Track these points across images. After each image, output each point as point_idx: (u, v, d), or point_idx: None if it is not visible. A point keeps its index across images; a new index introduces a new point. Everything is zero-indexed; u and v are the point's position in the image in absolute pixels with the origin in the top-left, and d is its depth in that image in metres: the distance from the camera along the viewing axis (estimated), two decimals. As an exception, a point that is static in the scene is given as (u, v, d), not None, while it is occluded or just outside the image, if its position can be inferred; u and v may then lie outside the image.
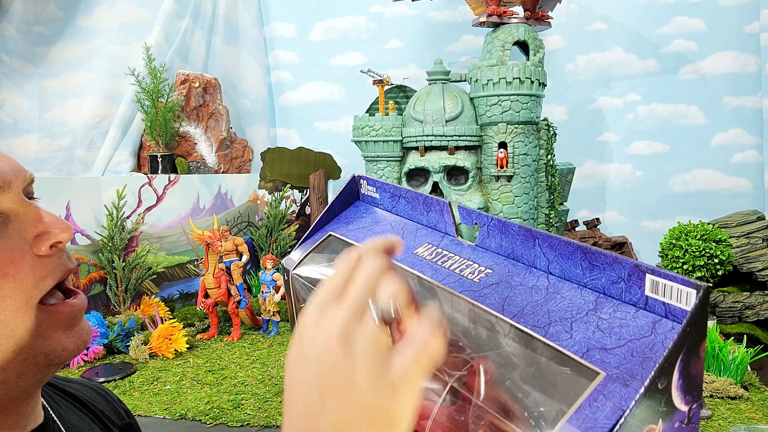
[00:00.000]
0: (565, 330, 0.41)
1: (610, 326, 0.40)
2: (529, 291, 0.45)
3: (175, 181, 4.32)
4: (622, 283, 0.41)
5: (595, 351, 0.39)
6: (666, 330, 0.38)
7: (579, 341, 0.39)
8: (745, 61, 4.80)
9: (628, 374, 0.37)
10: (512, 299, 0.45)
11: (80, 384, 0.79)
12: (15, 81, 4.94)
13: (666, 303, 0.39)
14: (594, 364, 0.38)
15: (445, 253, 0.54)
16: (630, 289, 0.41)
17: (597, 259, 0.43)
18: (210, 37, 5.43)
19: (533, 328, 0.42)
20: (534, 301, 0.44)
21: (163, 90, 4.70)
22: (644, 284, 0.40)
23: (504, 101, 4.03)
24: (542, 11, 4.33)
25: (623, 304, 0.41)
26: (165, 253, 4.23)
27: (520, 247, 0.49)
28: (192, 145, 4.92)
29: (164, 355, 3.40)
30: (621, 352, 0.38)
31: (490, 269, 0.49)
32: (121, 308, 3.92)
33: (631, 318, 0.40)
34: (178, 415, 2.69)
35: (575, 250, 0.44)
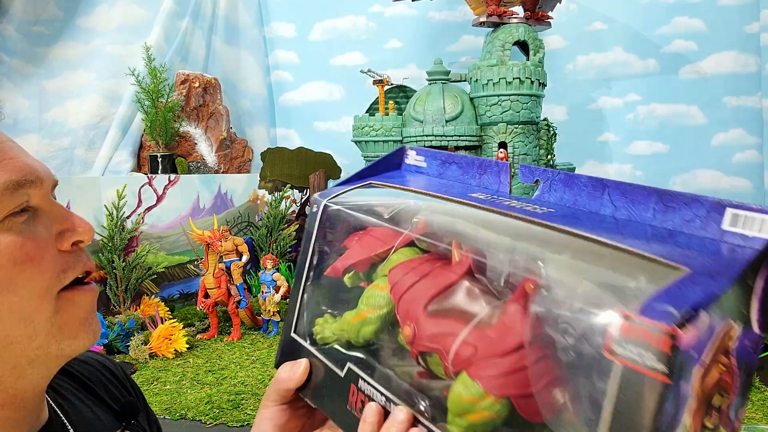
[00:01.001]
0: (642, 244, 0.39)
1: (688, 245, 0.39)
2: (597, 223, 0.44)
3: (175, 181, 4.32)
4: (698, 220, 0.40)
5: (676, 256, 0.37)
6: (746, 254, 0.37)
7: (658, 251, 0.38)
8: (745, 61, 4.80)
9: (713, 271, 0.35)
10: (580, 224, 0.43)
11: (80, 360, 0.79)
12: (15, 81, 4.94)
13: (744, 235, 0.38)
14: (679, 263, 0.36)
15: (501, 199, 0.52)
16: (707, 226, 0.40)
17: (673, 201, 0.42)
18: (210, 37, 5.43)
19: (610, 238, 0.40)
20: (604, 227, 0.43)
21: (163, 90, 4.70)
22: (722, 219, 0.39)
23: (504, 101, 4.03)
24: (542, 11, 4.33)
25: (698, 237, 0.40)
26: (165, 253, 4.23)
27: (584, 198, 0.48)
28: (192, 145, 4.92)
29: (164, 355, 3.40)
30: (703, 259, 0.37)
31: (552, 209, 0.47)
32: (121, 308, 3.92)
33: (708, 243, 0.39)
34: (178, 415, 2.69)
35: (650, 193, 0.43)
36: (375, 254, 0.54)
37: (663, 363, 0.32)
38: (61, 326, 0.58)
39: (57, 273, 0.58)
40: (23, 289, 0.55)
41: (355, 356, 0.52)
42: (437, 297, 0.47)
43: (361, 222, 0.55)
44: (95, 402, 0.74)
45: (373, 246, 0.54)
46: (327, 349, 0.55)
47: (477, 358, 0.42)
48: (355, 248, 0.55)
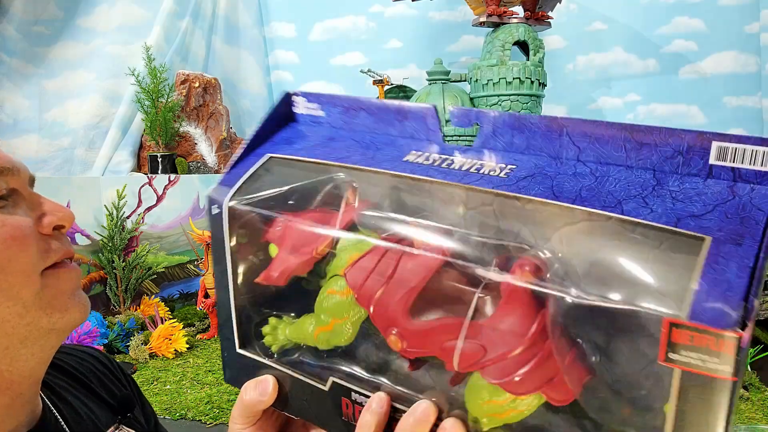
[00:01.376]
0: (640, 206, 0.35)
1: (687, 196, 0.35)
2: (573, 178, 0.39)
3: (175, 181, 4.32)
4: (680, 156, 0.37)
5: (686, 220, 0.34)
6: (747, 192, 0.34)
7: (662, 213, 0.34)
8: (745, 61, 4.80)
9: (734, 234, 0.33)
10: (560, 186, 0.38)
11: (72, 354, 0.79)
12: (15, 81, 4.94)
13: (736, 168, 0.35)
14: (693, 231, 0.33)
15: (444, 157, 0.44)
16: (690, 161, 0.37)
17: (647, 137, 0.38)
18: (210, 37, 5.43)
19: (604, 208, 0.36)
20: (586, 185, 0.38)
21: (163, 90, 4.69)
22: (708, 153, 0.36)
23: (504, 101, 4.03)
24: (542, 11, 4.33)
25: (685, 176, 0.37)
26: (165, 253, 4.23)
27: (539, 141, 0.42)
28: (192, 145, 4.93)
29: (164, 355, 3.40)
30: (713, 217, 0.34)
31: (512, 165, 0.41)
32: (121, 308, 3.92)
33: (702, 186, 0.36)
34: (178, 415, 2.69)
35: (618, 131, 0.39)
36: (315, 252, 0.46)
37: (729, 364, 0.31)
38: (50, 300, 0.59)
39: (41, 254, 0.59)
40: (9, 267, 0.56)
41: (334, 368, 0.46)
42: (417, 297, 0.41)
43: (280, 215, 0.47)
44: (89, 397, 0.74)
45: (307, 243, 0.46)
46: (293, 361, 0.49)
47: (489, 359, 0.38)
48: (287, 248, 0.47)
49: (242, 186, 0.49)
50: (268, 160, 0.51)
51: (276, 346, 0.50)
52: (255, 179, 0.49)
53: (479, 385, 0.39)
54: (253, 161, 0.51)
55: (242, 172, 0.50)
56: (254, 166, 0.50)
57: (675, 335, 0.31)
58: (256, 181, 0.49)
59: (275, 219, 0.47)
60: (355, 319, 0.44)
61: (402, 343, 0.42)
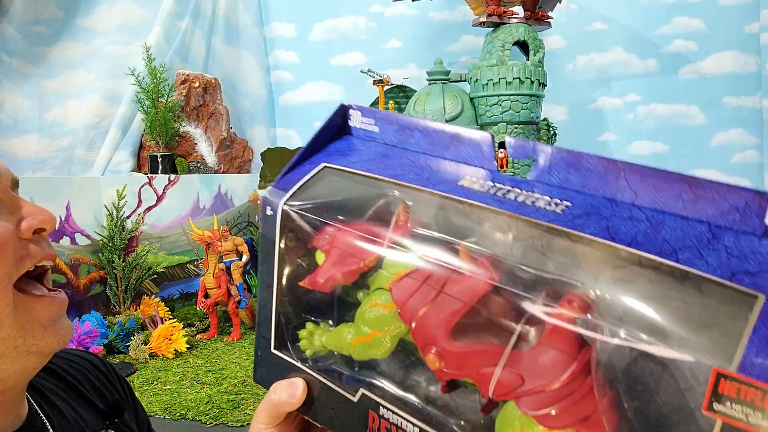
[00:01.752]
0: (695, 257, 0.35)
1: (742, 253, 0.35)
2: (628, 222, 0.39)
3: (175, 181, 4.32)
4: (736, 213, 0.37)
5: (740, 275, 0.33)
6: None
7: (717, 267, 0.34)
8: (745, 61, 4.80)
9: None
10: (616, 229, 0.38)
11: (66, 359, 0.79)
12: (15, 81, 4.94)
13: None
14: (747, 288, 0.33)
15: (499, 186, 0.45)
16: (746, 219, 0.36)
17: (705, 190, 0.38)
18: (210, 37, 5.43)
19: (659, 255, 0.36)
20: (642, 230, 0.38)
21: (163, 90, 4.70)
22: (765, 213, 0.36)
23: (504, 101, 4.03)
24: (542, 11, 4.33)
25: (741, 234, 0.36)
26: (165, 253, 4.23)
27: (595, 181, 0.42)
28: (192, 145, 4.92)
29: (164, 355, 3.40)
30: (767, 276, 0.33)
31: (568, 201, 0.41)
32: (121, 308, 3.92)
33: (758, 245, 0.35)
34: (178, 415, 2.69)
35: (675, 179, 0.39)
36: (362, 263, 0.46)
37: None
38: (24, 324, 0.58)
39: (17, 261, 0.57)
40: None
41: (365, 380, 0.46)
42: (460, 319, 0.41)
43: (331, 224, 0.48)
44: (79, 401, 0.73)
45: (356, 254, 0.47)
46: (325, 368, 0.49)
47: (526, 389, 0.38)
48: (335, 257, 0.48)
49: (296, 191, 0.50)
50: (323, 169, 0.51)
51: (310, 351, 0.50)
52: (309, 186, 0.50)
53: (513, 415, 0.39)
54: (307, 169, 0.52)
55: (297, 179, 0.51)
56: (309, 174, 0.51)
57: (722, 386, 0.31)
58: (310, 188, 0.50)
59: (326, 227, 0.48)
60: (394, 333, 0.45)
61: (440, 363, 0.41)
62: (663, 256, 0.36)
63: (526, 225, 0.41)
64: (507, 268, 0.40)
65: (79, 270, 3.75)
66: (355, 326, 0.47)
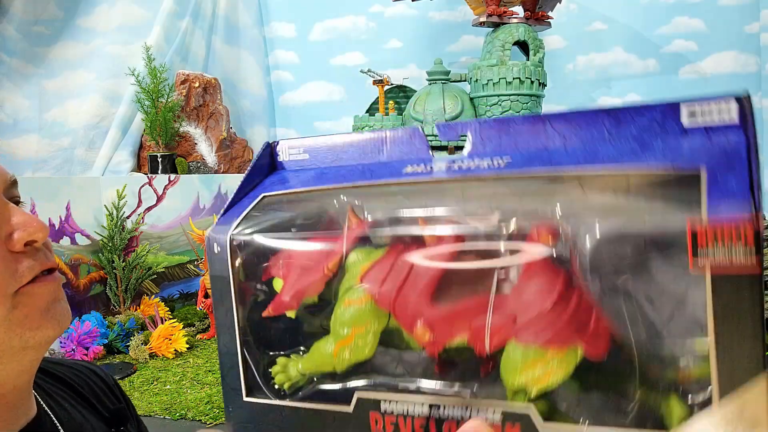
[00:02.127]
0: (635, 161, 0.39)
1: (672, 148, 0.39)
2: (566, 156, 0.42)
3: (175, 181, 4.32)
4: (656, 124, 0.41)
5: (679, 161, 0.37)
6: (721, 137, 0.38)
7: (657, 162, 0.38)
8: (745, 61, 4.80)
9: (724, 163, 0.36)
10: (558, 162, 0.41)
11: (70, 367, 0.79)
12: (15, 81, 4.94)
13: (708, 126, 0.40)
14: (688, 167, 0.37)
15: (440, 164, 0.46)
16: (666, 126, 0.41)
17: (623, 114, 0.41)
18: (210, 37, 5.43)
19: (604, 165, 0.39)
20: (581, 159, 0.41)
21: (163, 90, 4.70)
22: (679, 115, 0.41)
23: (504, 101, 4.03)
24: (542, 11, 4.33)
25: (666, 137, 0.41)
26: (165, 253, 4.23)
27: (525, 137, 0.44)
28: (192, 145, 4.93)
29: (164, 355, 3.40)
30: (702, 156, 0.37)
31: (507, 157, 0.44)
32: (121, 308, 3.92)
33: (683, 141, 0.40)
34: (178, 415, 2.69)
35: (596, 113, 0.42)
36: (326, 270, 0.45)
37: (751, 254, 0.32)
38: (21, 320, 0.57)
39: (11, 273, 0.56)
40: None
41: (356, 385, 0.45)
42: (438, 284, 0.41)
43: (285, 242, 0.47)
44: (86, 407, 0.74)
45: (317, 263, 0.45)
46: (309, 394, 0.47)
47: (521, 324, 0.38)
48: (295, 276, 0.46)
49: (241, 221, 0.49)
50: (262, 198, 0.50)
51: (288, 383, 0.48)
52: (252, 216, 0.49)
53: (515, 357, 0.39)
54: (247, 203, 0.51)
55: (239, 212, 0.50)
56: (249, 207, 0.50)
57: (699, 240, 0.34)
58: (254, 217, 0.49)
59: (279, 252, 0.47)
60: (375, 328, 0.44)
61: (429, 334, 0.41)
62: (607, 170, 0.39)
63: (476, 181, 0.43)
64: (469, 224, 0.41)
65: (79, 270, 3.76)
66: (333, 333, 0.45)
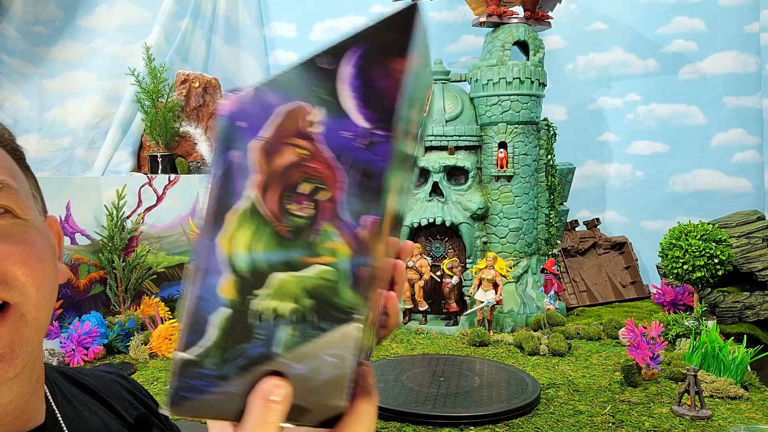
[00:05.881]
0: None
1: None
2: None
3: (175, 181, 4.32)
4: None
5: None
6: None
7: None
8: (745, 61, 4.80)
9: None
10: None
11: (96, 376, 0.79)
12: (15, 81, 4.93)
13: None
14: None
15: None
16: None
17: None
18: (210, 37, 5.43)
19: None
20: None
21: (163, 90, 4.69)
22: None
23: (504, 101, 4.03)
24: (542, 11, 4.33)
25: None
26: (165, 253, 4.23)
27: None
28: (192, 145, 4.92)
29: (164, 355, 3.40)
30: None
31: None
32: (121, 308, 3.92)
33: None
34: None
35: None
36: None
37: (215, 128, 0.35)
38: None
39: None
40: None
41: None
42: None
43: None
44: (107, 413, 0.74)
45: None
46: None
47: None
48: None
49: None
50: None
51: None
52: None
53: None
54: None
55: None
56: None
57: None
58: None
59: None
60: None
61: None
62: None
63: None
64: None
65: (79, 270, 3.75)
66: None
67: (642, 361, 2.86)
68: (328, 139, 0.35)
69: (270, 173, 0.35)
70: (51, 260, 0.62)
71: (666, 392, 2.78)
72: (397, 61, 0.35)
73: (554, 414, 2.59)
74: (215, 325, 0.36)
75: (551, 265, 4.04)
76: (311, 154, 0.35)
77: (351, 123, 0.35)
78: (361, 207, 0.35)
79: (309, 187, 0.35)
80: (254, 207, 0.36)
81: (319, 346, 0.35)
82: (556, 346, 3.34)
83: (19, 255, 0.57)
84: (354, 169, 0.35)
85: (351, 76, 0.35)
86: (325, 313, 0.35)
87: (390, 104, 0.35)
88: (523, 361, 3.29)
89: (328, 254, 0.35)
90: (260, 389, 0.36)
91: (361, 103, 0.35)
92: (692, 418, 2.48)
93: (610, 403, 2.66)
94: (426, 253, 4.13)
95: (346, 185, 0.35)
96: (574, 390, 2.84)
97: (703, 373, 2.83)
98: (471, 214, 4.05)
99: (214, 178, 0.35)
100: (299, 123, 0.35)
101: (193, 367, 0.36)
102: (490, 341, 3.58)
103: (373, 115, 0.35)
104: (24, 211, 0.60)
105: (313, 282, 0.35)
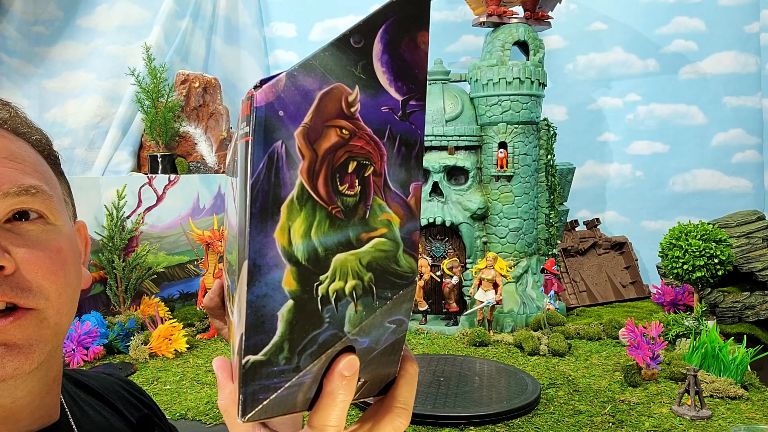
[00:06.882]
0: None
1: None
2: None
3: (175, 181, 4.32)
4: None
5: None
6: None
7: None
8: (745, 61, 4.80)
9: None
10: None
11: (96, 377, 0.80)
12: (15, 81, 4.93)
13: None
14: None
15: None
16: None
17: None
18: (210, 37, 5.43)
19: None
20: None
21: (163, 90, 4.69)
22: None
23: (504, 101, 4.03)
24: (542, 11, 4.33)
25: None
26: (165, 253, 4.23)
27: None
28: (192, 145, 4.92)
29: (164, 355, 3.40)
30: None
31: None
32: (121, 308, 3.92)
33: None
34: (178, 415, 2.69)
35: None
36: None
37: (245, 123, 0.35)
38: None
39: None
40: None
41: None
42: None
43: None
44: (111, 413, 0.75)
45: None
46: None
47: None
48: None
49: None
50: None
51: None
52: None
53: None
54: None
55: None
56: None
57: (242, 112, 0.37)
58: None
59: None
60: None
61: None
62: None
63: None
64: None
65: (79, 270, 3.76)
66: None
67: (642, 361, 2.86)
68: (367, 115, 0.36)
69: (316, 158, 0.36)
70: (75, 267, 0.62)
71: (666, 392, 2.78)
72: (422, 33, 0.36)
73: (554, 414, 2.59)
74: (282, 320, 0.37)
75: (551, 265, 4.04)
76: (353, 132, 0.36)
77: (388, 97, 0.37)
78: (405, 176, 0.38)
79: (354, 164, 0.37)
80: (307, 194, 0.36)
81: (382, 314, 0.38)
82: (556, 346, 3.34)
83: (45, 262, 0.58)
84: (394, 140, 0.37)
85: (381, 51, 0.36)
86: (386, 282, 0.38)
87: (421, 75, 0.37)
88: (523, 361, 3.29)
89: (383, 226, 0.37)
90: (336, 369, 0.38)
91: (394, 76, 0.36)
92: (692, 418, 2.48)
93: (610, 403, 2.66)
94: (426, 253, 4.13)
95: (388, 158, 0.37)
96: (574, 390, 2.84)
97: (703, 373, 2.83)
98: (471, 214, 4.05)
99: (255, 174, 0.35)
100: (340, 104, 0.36)
101: (265, 367, 0.37)
102: (490, 341, 3.58)
103: (406, 86, 0.37)
104: (55, 217, 0.60)
105: (371, 255, 0.37)
